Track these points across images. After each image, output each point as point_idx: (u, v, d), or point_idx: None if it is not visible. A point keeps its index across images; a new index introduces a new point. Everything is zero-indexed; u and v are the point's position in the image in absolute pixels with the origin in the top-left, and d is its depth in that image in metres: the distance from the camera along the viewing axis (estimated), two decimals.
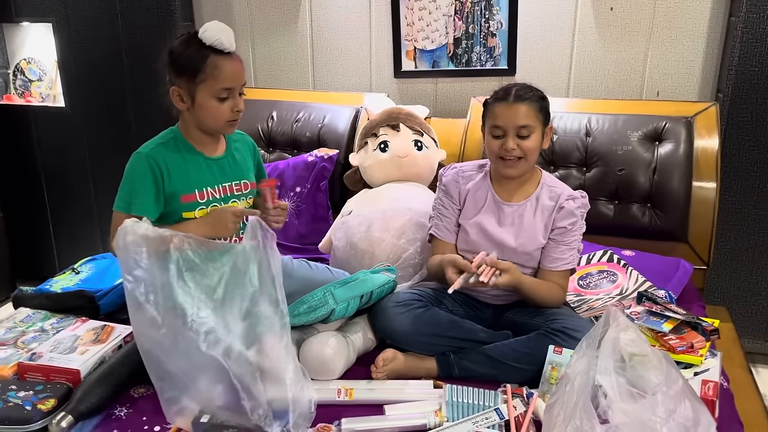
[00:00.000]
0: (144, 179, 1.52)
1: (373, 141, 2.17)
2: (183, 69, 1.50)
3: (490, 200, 1.71)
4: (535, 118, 1.61)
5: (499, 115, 1.61)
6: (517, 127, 1.59)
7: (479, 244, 1.69)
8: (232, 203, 1.63)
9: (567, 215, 1.64)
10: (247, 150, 1.74)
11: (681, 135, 2.12)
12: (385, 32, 2.60)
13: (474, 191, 1.73)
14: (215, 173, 1.61)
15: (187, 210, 1.57)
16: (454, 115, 2.55)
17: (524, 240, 1.66)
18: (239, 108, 1.56)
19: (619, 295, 1.77)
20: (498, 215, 1.69)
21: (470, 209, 1.72)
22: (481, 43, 2.52)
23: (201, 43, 1.49)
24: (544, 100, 1.65)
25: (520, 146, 1.60)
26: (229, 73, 1.51)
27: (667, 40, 2.38)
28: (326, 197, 2.30)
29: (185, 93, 1.53)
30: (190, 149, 1.60)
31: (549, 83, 2.51)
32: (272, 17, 2.71)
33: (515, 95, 1.60)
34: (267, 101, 2.54)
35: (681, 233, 2.09)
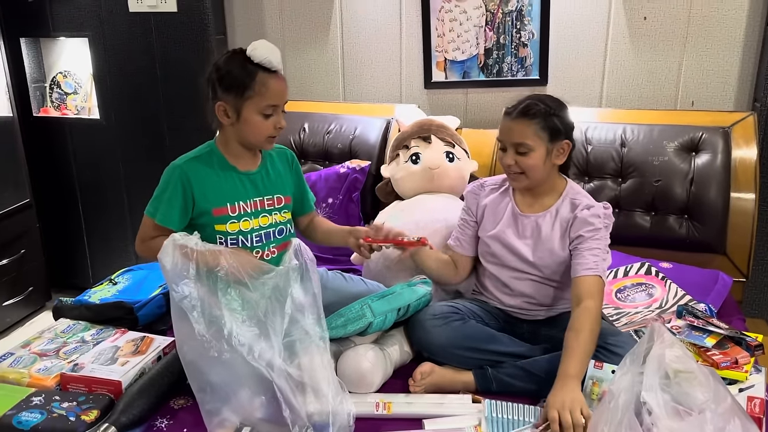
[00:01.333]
0: (173, 191, 1.57)
1: (404, 153, 2.18)
2: (231, 85, 1.53)
3: (509, 212, 1.71)
4: (534, 136, 1.59)
5: (501, 130, 1.65)
6: (514, 144, 1.61)
7: (501, 256, 1.70)
8: (262, 218, 1.65)
9: (582, 224, 1.61)
10: (285, 164, 1.75)
11: (718, 145, 2.09)
12: (415, 43, 2.61)
13: (495, 205, 1.74)
14: (247, 187, 1.64)
15: (218, 223, 1.60)
16: (485, 125, 2.55)
17: (542, 253, 1.65)
18: (281, 125, 1.60)
19: (659, 308, 1.75)
20: (516, 227, 1.69)
21: (489, 222, 1.74)
22: (512, 53, 2.51)
23: (250, 61, 1.53)
24: (554, 116, 1.60)
25: (519, 163, 1.61)
26: (276, 91, 1.56)
27: (702, 49, 2.35)
28: (358, 208, 2.31)
29: (231, 108, 1.56)
30: (224, 163, 1.62)
31: (581, 93, 2.50)
32: (303, 29, 2.74)
33: (519, 111, 1.60)
34: (299, 113, 2.56)
35: (719, 245, 2.05)
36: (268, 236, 1.66)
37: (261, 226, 1.65)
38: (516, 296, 1.71)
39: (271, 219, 1.66)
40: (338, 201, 2.28)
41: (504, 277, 1.71)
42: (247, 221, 1.63)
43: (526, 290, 1.69)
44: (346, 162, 2.35)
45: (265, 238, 1.65)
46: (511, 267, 1.70)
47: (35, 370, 1.55)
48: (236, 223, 1.61)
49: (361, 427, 1.36)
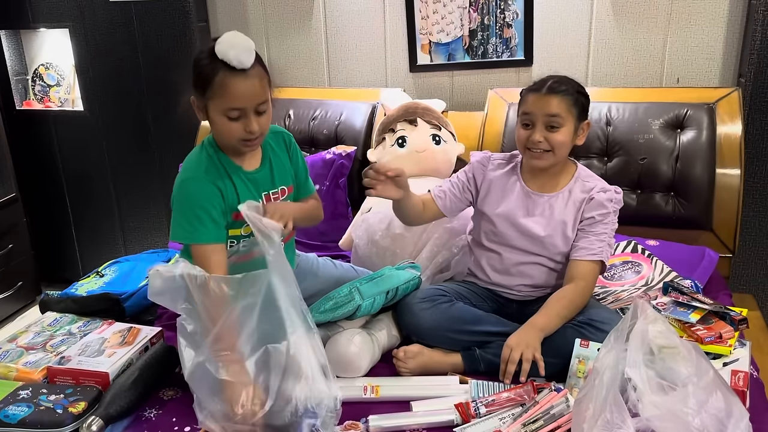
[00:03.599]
0: (200, 204, 1.45)
1: (390, 136, 2.17)
2: (197, 82, 1.42)
3: (519, 191, 1.68)
4: (567, 111, 1.57)
5: (529, 104, 1.60)
6: (546, 117, 1.56)
7: (507, 236, 1.68)
8: None
9: (597, 206, 1.62)
10: (283, 150, 1.62)
11: (703, 122, 2.09)
12: (399, 26, 2.59)
13: (501, 181, 1.71)
14: (255, 187, 1.54)
15: (234, 228, 1.52)
16: (471, 108, 2.54)
17: (552, 231, 1.64)
18: (251, 129, 1.41)
19: (645, 285, 1.75)
20: (527, 206, 1.67)
21: (495, 198, 1.70)
22: (497, 34, 2.50)
23: (214, 57, 1.37)
24: (581, 94, 1.61)
25: (548, 139, 1.57)
26: (238, 94, 1.38)
27: (686, 26, 2.34)
28: (345, 194, 2.30)
29: (201, 105, 1.45)
30: (230, 165, 1.50)
31: (567, 72, 2.38)
32: (286, 15, 2.71)
33: (549, 87, 1.57)
34: (283, 100, 2.55)
35: (705, 221, 2.06)
36: None
37: None
38: (515, 277, 1.69)
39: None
40: (325, 187, 2.27)
41: (506, 257, 1.68)
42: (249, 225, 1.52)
43: (528, 272, 1.68)
44: (332, 148, 2.34)
45: None
46: (516, 247, 1.67)
47: (22, 364, 1.55)
48: (238, 229, 1.54)
49: (350, 411, 1.36)
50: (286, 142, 1.64)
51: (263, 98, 1.43)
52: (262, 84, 1.42)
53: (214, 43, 1.38)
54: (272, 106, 1.50)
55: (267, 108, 1.45)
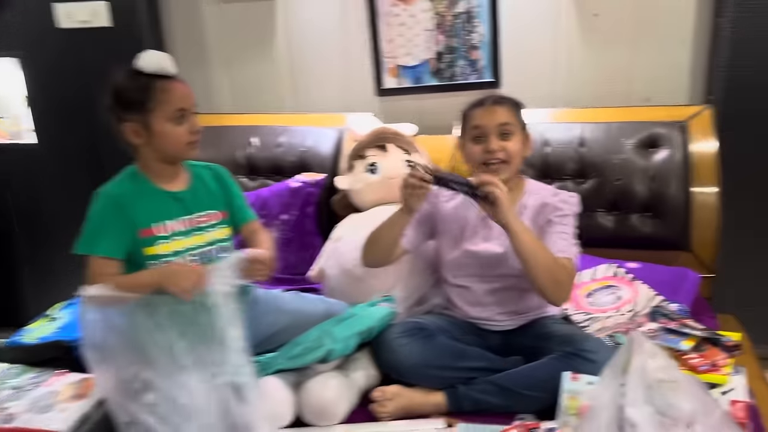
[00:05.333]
0: (107, 218, 1.49)
1: (360, 163, 2.08)
2: (131, 102, 1.47)
3: (474, 218, 1.66)
4: (515, 119, 1.62)
5: (478, 117, 1.62)
6: (498, 126, 1.58)
7: (470, 267, 1.65)
8: (196, 236, 1.55)
9: (551, 210, 1.60)
10: (216, 180, 1.65)
11: (676, 140, 2.06)
12: (364, 50, 2.52)
13: (455, 211, 1.69)
14: (176, 206, 1.54)
15: (148, 245, 1.49)
16: (441, 131, 2.47)
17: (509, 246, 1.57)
18: (196, 128, 1.52)
19: (630, 311, 1.69)
20: (484, 232, 1.64)
21: (451, 233, 1.67)
22: (464, 56, 2.45)
23: (142, 74, 1.47)
24: (519, 106, 1.66)
25: (504, 148, 1.58)
26: (180, 94, 1.49)
27: (653, 44, 2.33)
28: (314, 223, 2.20)
29: (139, 126, 1.48)
30: (149, 185, 1.54)
31: (535, 93, 2.43)
32: (247, 39, 2.62)
33: (493, 100, 1.64)
34: (246, 127, 2.45)
35: (684, 242, 2.02)
36: (207, 255, 1.54)
37: (197, 245, 1.54)
38: (490, 307, 1.64)
39: (207, 237, 1.56)
40: (293, 217, 2.17)
41: (475, 289, 1.64)
42: (180, 240, 1.52)
43: (501, 299, 1.63)
44: (299, 175, 2.25)
45: (203, 257, 1.54)
46: (482, 276, 1.63)
47: None
48: (167, 244, 1.51)
49: None
50: (219, 174, 1.68)
51: (194, 100, 1.54)
52: (189, 87, 1.53)
53: (125, 70, 1.50)
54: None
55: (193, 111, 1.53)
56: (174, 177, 1.58)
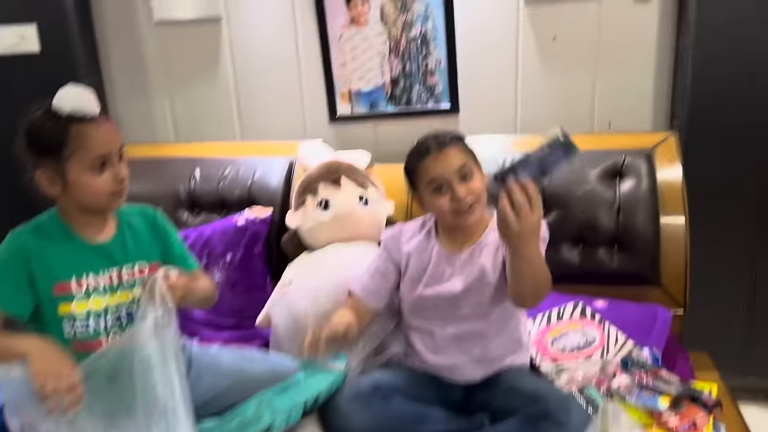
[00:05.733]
0: (5, 266, 1.30)
1: (312, 199, 1.94)
2: (45, 147, 1.29)
3: (436, 257, 1.53)
4: (468, 157, 1.48)
5: (432, 169, 1.45)
6: (457, 171, 1.44)
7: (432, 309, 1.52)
8: (121, 294, 1.38)
9: None
10: (147, 226, 1.48)
11: (642, 169, 1.97)
12: (316, 74, 2.39)
13: (418, 250, 1.56)
14: (99, 259, 1.37)
15: (63, 302, 1.32)
16: (397, 159, 2.30)
17: (470, 282, 1.48)
18: (121, 176, 1.34)
19: (601, 359, 1.58)
20: (445, 270, 1.52)
21: (414, 273, 1.55)
22: (420, 81, 2.33)
23: (58, 115, 1.29)
24: (463, 138, 1.52)
25: (470, 190, 1.44)
26: (101, 140, 1.30)
27: (614, 68, 2.25)
28: (262, 264, 2.04)
29: (54, 174, 1.30)
30: (68, 234, 1.36)
31: (495, 120, 2.35)
32: (190, 64, 2.46)
33: (438, 144, 1.46)
34: (188, 159, 2.28)
35: (653, 276, 1.92)
36: (130, 316, 1.37)
37: (120, 304, 1.37)
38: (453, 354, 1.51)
39: (133, 294, 1.39)
40: (238, 257, 2.01)
41: (438, 333, 1.51)
42: (99, 299, 1.35)
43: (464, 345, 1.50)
44: (245, 211, 2.09)
45: (127, 318, 1.37)
46: (444, 318, 1.51)
47: None
48: (84, 302, 1.33)
49: None
50: (149, 219, 1.49)
51: (121, 142, 1.36)
52: (115, 128, 1.36)
53: (41, 107, 1.31)
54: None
55: (122, 157, 1.36)
56: (98, 226, 1.40)
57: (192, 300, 1.42)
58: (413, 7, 2.25)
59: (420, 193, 1.51)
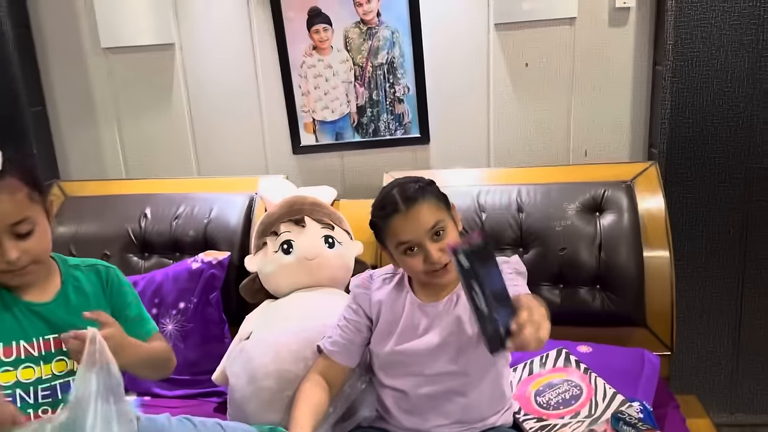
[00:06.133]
0: None
1: (273, 241, 1.78)
2: None
3: (409, 307, 1.39)
4: (439, 210, 1.32)
5: (401, 231, 1.30)
6: (429, 232, 1.29)
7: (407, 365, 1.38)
8: (57, 362, 1.21)
9: None
10: (96, 284, 1.31)
11: (623, 202, 1.87)
12: (277, 104, 2.25)
13: (391, 301, 1.42)
14: (34, 323, 1.21)
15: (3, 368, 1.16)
16: (366, 192, 2.18)
17: (448, 334, 1.35)
18: (9, 258, 1.14)
19: (588, 416, 1.45)
20: (420, 322, 1.38)
21: (387, 326, 1.40)
22: (388, 110, 2.21)
23: None
24: (432, 185, 1.37)
25: (444, 249, 1.28)
26: None
27: (590, 94, 2.16)
28: (219, 312, 1.87)
29: None
30: (7, 294, 1.21)
31: (467, 150, 2.23)
32: (141, 95, 2.30)
33: (405, 200, 1.29)
34: (138, 195, 2.11)
35: (638, 316, 1.81)
36: (66, 388, 1.21)
37: (55, 375, 1.21)
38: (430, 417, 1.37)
39: (72, 363, 1.22)
40: (192, 305, 1.84)
41: (414, 394, 1.37)
42: (30, 368, 1.19)
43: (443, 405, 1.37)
44: (200, 254, 1.92)
45: (62, 390, 1.21)
46: (420, 376, 1.37)
47: None
48: (12, 372, 1.17)
49: None
50: (101, 275, 1.33)
51: (20, 216, 1.14)
52: (14, 198, 1.14)
53: None
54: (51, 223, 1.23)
55: (32, 228, 1.17)
56: (38, 285, 1.24)
57: (136, 364, 1.27)
58: (379, 33, 2.13)
59: (389, 249, 1.37)
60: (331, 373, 1.42)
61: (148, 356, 1.32)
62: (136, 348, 1.26)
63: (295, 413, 1.31)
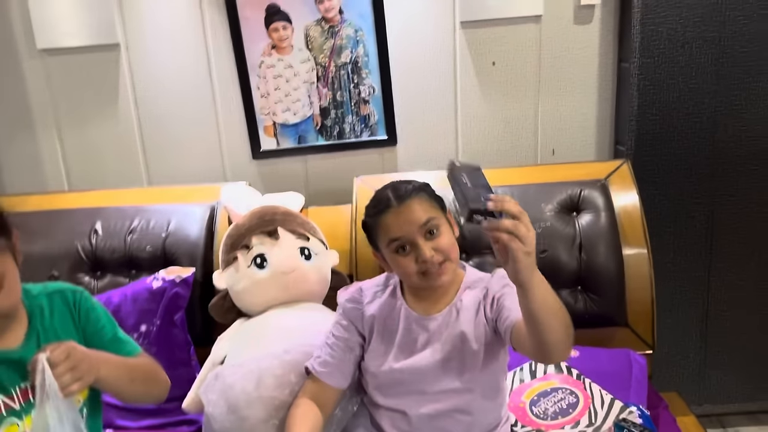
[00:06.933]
0: None
1: (244, 255, 1.66)
2: None
3: (404, 320, 1.31)
4: (433, 209, 1.25)
5: (393, 227, 1.23)
6: (421, 228, 1.22)
7: (404, 384, 1.29)
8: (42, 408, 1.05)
9: (495, 290, 1.26)
10: (64, 313, 1.18)
11: (599, 201, 1.86)
12: (234, 107, 2.12)
13: (385, 314, 1.33)
14: (9, 373, 1.07)
15: None
16: (332, 198, 2.11)
17: (449, 352, 1.27)
18: None
19: (589, 425, 1.41)
20: (417, 337, 1.29)
21: (379, 340, 1.32)
22: (353, 111, 2.12)
23: None
24: (427, 186, 1.30)
25: (437, 248, 1.22)
26: None
27: (556, 93, 2.14)
28: (185, 334, 1.74)
29: None
30: None
31: (435, 151, 2.17)
32: (83, 101, 2.12)
33: (398, 197, 1.24)
34: (86, 210, 1.94)
35: (620, 316, 1.80)
36: None
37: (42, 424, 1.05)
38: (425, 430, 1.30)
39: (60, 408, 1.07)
40: (155, 327, 1.70)
41: (413, 415, 1.29)
42: (15, 424, 1.06)
43: (438, 424, 1.29)
44: (161, 272, 1.77)
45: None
46: (419, 394, 1.29)
47: None
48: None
49: None
50: (68, 301, 1.20)
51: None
52: None
53: None
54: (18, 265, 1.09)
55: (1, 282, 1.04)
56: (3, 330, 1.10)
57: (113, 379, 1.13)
58: (341, 32, 2.04)
59: (381, 252, 1.29)
60: (323, 396, 1.32)
61: (126, 368, 1.19)
62: (106, 360, 1.13)
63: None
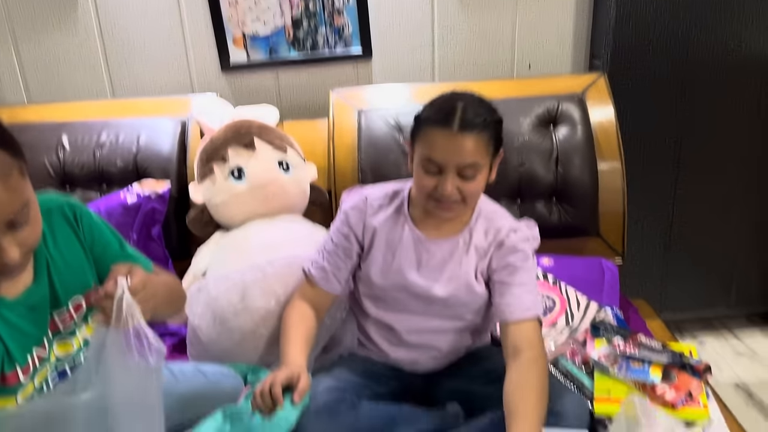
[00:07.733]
0: None
1: (221, 167, 1.63)
2: None
3: (408, 238, 1.29)
4: (484, 153, 1.18)
5: (437, 147, 1.16)
6: (459, 167, 1.16)
7: (398, 301, 1.31)
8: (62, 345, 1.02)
9: (510, 251, 1.26)
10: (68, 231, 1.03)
11: (576, 115, 1.87)
12: (201, 15, 2.02)
13: (386, 228, 1.31)
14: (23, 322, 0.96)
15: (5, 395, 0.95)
16: (306, 113, 2.08)
17: (455, 289, 1.27)
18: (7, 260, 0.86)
19: (567, 326, 1.47)
20: (419, 257, 1.29)
21: (379, 254, 1.30)
22: (326, 22, 2.04)
23: None
24: (499, 124, 1.22)
25: (461, 189, 1.18)
26: None
27: (534, 7, 2.10)
28: (162, 248, 1.72)
29: None
30: None
31: (411, 64, 2.13)
32: (39, 8, 1.99)
33: (462, 122, 1.15)
34: (51, 124, 1.86)
35: (592, 227, 1.84)
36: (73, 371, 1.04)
37: (65, 356, 1.03)
38: (416, 350, 1.33)
39: (80, 338, 1.04)
40: (132, 242, 1.67)
41: (401, 329, 1.32)
42: (44, 367, 1.00)
43: (431, 342, 1.32)
44: (134, 185, 1.73)
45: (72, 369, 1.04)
46: (411, 312, 1.31)
47: None
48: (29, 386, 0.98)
49: None
50: (69, 218, 1.04)
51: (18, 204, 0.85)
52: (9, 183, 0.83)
53: None
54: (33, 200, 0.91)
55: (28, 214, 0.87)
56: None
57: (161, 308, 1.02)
58: None
59: (413, 151, 1.23)
60: (317, 300, 1.32)
61: (166, 288, 1.07)
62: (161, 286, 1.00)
63: (287, 348, 1.21)
